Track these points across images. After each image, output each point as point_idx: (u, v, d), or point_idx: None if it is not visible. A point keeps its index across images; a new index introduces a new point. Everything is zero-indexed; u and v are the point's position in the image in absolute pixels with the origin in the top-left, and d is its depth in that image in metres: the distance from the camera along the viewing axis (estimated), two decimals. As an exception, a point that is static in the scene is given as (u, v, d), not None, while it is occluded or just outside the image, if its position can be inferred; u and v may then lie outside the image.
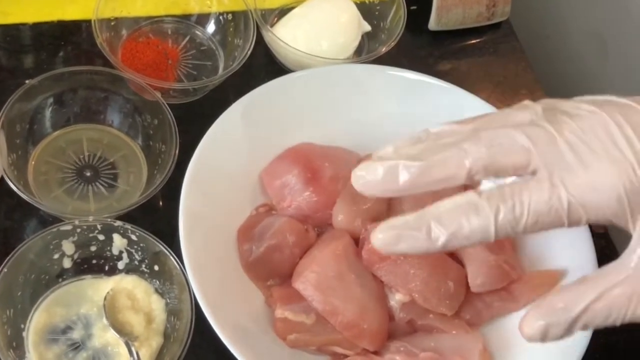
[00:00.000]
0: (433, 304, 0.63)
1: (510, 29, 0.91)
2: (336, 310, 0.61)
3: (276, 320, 0.62)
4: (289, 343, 0.62)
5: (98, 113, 0.72)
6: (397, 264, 0.63)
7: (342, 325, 0.61)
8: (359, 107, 0.75)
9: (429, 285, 0.63)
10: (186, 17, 0.82)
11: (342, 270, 0.63)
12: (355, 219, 0.66)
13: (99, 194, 0.70)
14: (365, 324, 0.61)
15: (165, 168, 0.67)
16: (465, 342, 0.64)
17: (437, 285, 0.63)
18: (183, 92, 0.76)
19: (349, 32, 0.80)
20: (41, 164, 0.69)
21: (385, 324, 0.63)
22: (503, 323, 0.67)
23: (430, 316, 0.64)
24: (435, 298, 0.63)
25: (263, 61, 0.82)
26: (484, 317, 0.66)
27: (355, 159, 0.72)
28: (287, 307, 0.62)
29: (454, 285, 0.64)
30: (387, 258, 0.63)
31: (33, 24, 0.80)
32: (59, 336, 0.61)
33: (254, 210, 0.69)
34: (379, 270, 0.63)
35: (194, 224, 0.63)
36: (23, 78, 0.73)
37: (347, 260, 0.64)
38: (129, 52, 0.77)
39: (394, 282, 0.63)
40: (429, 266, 0.64)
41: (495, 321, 0.67)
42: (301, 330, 0.62)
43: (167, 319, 0.63)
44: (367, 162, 0.49)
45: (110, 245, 0.64)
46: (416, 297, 0.63)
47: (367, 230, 0.65)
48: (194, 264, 0.61)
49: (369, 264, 0.64)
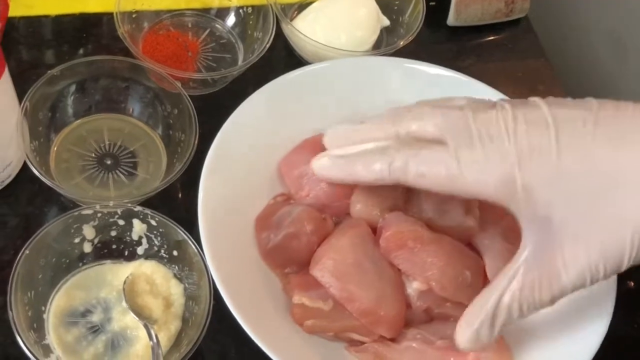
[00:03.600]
0: (450, 292, 0.63)
1: (528, 26, 0.92)
2: (353, 296, 0.62)
3: (293, 306, 0.63)
4: (306, 329, 0.62)
5: (119, 102, 0.73)
6: (414, 252, 0.63)
7: (359, 312, 0.61)
8: (377, 99, 0.75)
9: (446, 274, 0.63)
10: (206, 10, 0.83)
11: (359, 258, 0.63)
12: (373, 208, 0.66)
13: (119, 182, 0.70)
14: (382, 311, 0.62)
15: (184, 157, 0.67)
16: None
17: (454, 274, 0.63)
18: (202, 83, 0.77)
19: (367, 26, 0.81)
20: (63, 152, 0.70)
21: (402, 311, 0.63)
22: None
23: (447, 304, 0.64)
24: (453, 287, 0.63)
25: (282, 54, 0.83)
26: None
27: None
28: (305, 294, 0.63)
29: (471, 275, 0.64)
30: (405, 246, 0.63)
31: (55, 17, 0.82)
32: (79, 319, 0.62)
33: (272, 199, 0.70)
34: (396, 258, 0.64)
35: (213, 211, 0.64)
36: (44, 69, 0.73)
37: (365, 248, 0.64)
38: (149, 45, 0.78)
39: (411, 270, 0.63)
40: (446, 255, 0.64)
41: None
42: (318, 317, 0.62)
43: (185, 303, 0.63)
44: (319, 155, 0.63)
45: (130, 231, 0.64)
46: (433, 285, 0.63)
47: (384, 219, 0.65)
48: (213, 250, 0.61)
49: (387, 252, 0.64)
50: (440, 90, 0.74)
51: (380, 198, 0.67)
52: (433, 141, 0.56)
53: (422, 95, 0.74)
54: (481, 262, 0.66)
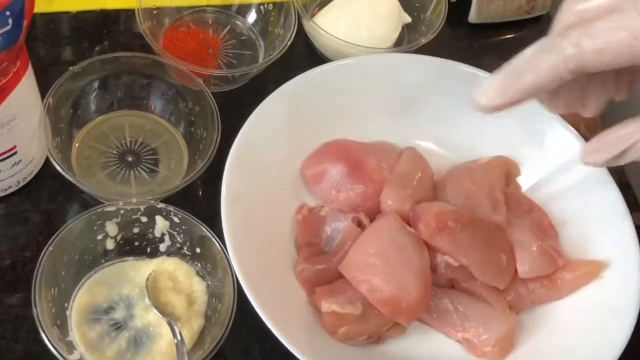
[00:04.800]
0: (488, 276, 0.63)
1: (550, 23, 0.90)
2: (374, 287, 0.61)
3: (324, 315, 0.62)
4: (339, 337, 0.61)
5: (140, 99, 0.73)
6: (456, 232, 0.63)
7: (380, 302, 0.61)
8: (398, 96, 0.75)
9: (484, 257, 0.63)
10: (227, 7, 0.83)
11: (384, 247, 0.63)
12: (404, 202, 0.66)
13: (141, 179, 0.70)
14: (403, 302, 0.61)
15: (206, 154, 0.67)
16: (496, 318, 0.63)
17: (491, 258, 0.64)
18: (223, 79, 0.76)
19: (389, 23, 0.80)
20: (84, 148, 0.70)
21: (426, 298, 0.63)
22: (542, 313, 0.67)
23: (478, 283, 0.64)
24: (491, 271, 0.63)
25: (303, 52, 0.83)
26: (525, 302, 0.66)
27: (395, 149, 0.72)
28: (333, 300, 0.62)
29: (506, 259, 0.64)
30: (446, 227, 0.63)
31: (76, 13, 0.81)
32: (102, 316, 0.61)
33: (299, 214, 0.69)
34: (440, 241, 0.63)
35: (236, 209, 0.63)
36: (66, 66, 0.74)
37: (390, 235, 0.64)
38: (170, 41, 0.78)
39: (454, 252, 0.64)
40: (483, 238, 0.64)
41: (535, 310, 0.67)
42: (351, 322, 0.62)
43: (208, 301, 0.63)
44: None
45: (153, 228, 0.64)
46: (473, 268, 0.63)
47: (415, 212, 0.65)
48: (236, 248, 0.61)
49: (429, 236, 0.64)
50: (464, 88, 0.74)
51: (410, 191, 0.67)
52: (604, 14, 0.49)
53: (445, 94, 0.74)
54: (512, 246, 0.66)
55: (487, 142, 0.74)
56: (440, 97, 0.74)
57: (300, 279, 0.65)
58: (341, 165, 0.69)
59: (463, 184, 0.69)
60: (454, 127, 0.75)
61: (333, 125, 0.72)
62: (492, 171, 0.71)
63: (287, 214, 0.69)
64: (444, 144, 0.76)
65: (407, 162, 0.70)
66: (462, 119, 0.73)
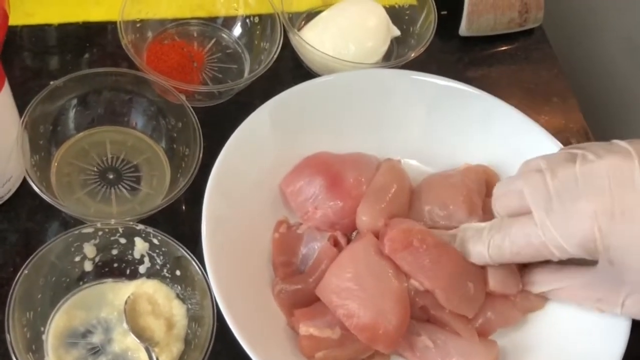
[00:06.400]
0: (454, 304, 0.62)
1: (542, 36, 0.89)
2: (351, 312, 0.60)
3: (301, 339, 0.61)
4: None
5: (122, 115, 0.71)
6: (420, 253, 0.62)
7: (357, 328, 0.60)
8: (386, 112, 0.73)
9: (451, 283, 0.62)
10: (212, 19, 0.81)
11: (360, 271, 0.61)
12: (378, 218, 0.65)
13: (122, 197, 0.69)
14: (381, 328, 0.60)
15: (188, 172, 0.65)
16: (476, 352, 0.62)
17: (459, 285, 0.62)
18: (208, 95, 0.75)
19: (377, 37, 0.79)
20: (64, 166, 0.69)
21: (404, 325, 0.61)
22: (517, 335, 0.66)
23: (446, 311, 0.63)
24: (457, 298, 0.62)
25: (289, 65, 0.81)
26: (493, 327, 0.64)
27: (374, 162, 0.71)
28: (311, 323, 0.61)
29: (473, 287, 0.63)
30: (410, 245, 0.62)
31: (58, 25, 0.80)
32: (79, 340, 0.60)
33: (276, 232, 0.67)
34: (402, 260, 0.62)
35: (216, 229, 0.62)
36: (47, 79, 0.72)
37: (367, 260, 0.62)
38: (154, 55, 0.77)
39: (416, 273, 0.62)
40: (451, 263, 0.62)
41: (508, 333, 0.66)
42: (329, 347, 0.60)
43: (188, 325, 0.62)
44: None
45: (132, 249, 0.62)
46: (438, 294, 0.61)
47: (387, 225, 0.64)
48: (216, 269, 0.60)
49: (392, 252, 0.62)
50: (451, 103, 0.73)
51: (384, 205, 0.65)
52: (523, 212, 0.58)
53: (433, 109, 0.73)
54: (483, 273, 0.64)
55: (471, 157, 0.73)
56: (428, 113, 0.73)
57: (278, 301, 0.63)
58: (320, 178, 0.67)
59: (438, 189, 0.68)
60: (438, 143, 0.74)
61: (319, 142, 0.71)
62: (470, 175, 0.70)
63: (269, 234, 0.68)
64: (427, 160, 0.74)
65: (384, 174, 0.68)
66: (447, 134, 0.72)
